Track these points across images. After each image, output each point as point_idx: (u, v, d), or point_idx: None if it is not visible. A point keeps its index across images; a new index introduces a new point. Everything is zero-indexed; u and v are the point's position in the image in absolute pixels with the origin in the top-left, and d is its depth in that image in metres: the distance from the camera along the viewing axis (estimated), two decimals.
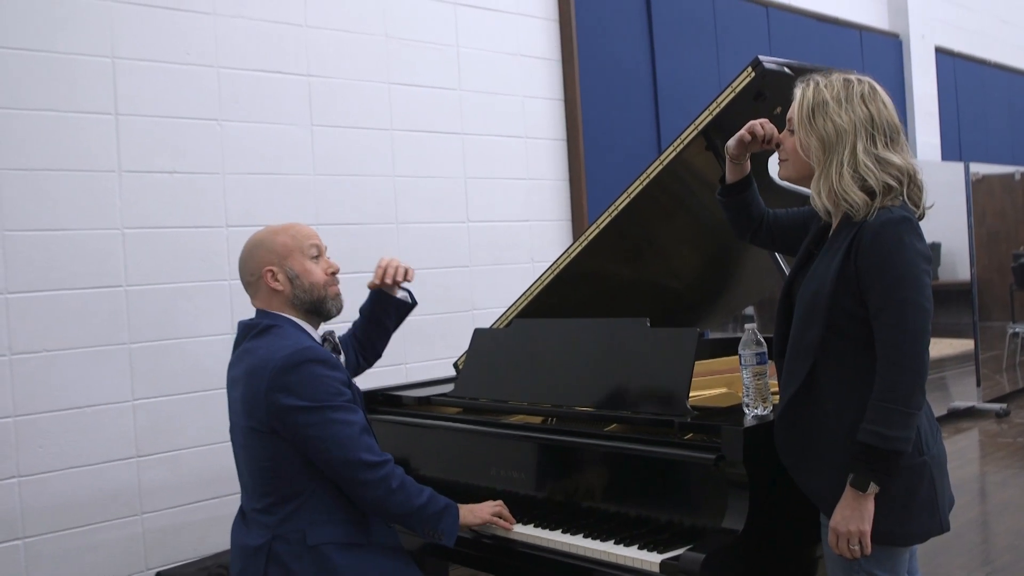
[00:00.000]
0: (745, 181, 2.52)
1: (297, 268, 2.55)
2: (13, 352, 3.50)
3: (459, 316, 4.89)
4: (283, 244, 2.56)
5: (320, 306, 2.58)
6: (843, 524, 2.09)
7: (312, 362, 2.39)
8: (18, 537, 3.49)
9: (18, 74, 3.54)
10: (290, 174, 4.28)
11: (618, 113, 5.84)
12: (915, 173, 2.18)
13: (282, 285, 2.54)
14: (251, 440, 2.44)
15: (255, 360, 2.43)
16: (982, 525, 4.99)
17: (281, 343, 2.43)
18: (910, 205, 2.16)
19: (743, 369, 2.43)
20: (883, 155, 2.14)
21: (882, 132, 2.17)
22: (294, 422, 2.36)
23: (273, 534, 2.40)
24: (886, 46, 8.42)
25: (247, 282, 2.61)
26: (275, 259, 2.55)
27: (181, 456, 3.88)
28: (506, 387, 2.95)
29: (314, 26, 4.41)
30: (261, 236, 2.61)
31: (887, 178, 2.13)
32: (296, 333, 2.51)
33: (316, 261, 2.60)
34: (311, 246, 2.60)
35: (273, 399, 2.36)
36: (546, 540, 2.49)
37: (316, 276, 2.57)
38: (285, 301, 2.55)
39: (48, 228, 3.59)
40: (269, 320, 2.53)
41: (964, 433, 7.22)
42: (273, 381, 2.36)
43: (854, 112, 2.16)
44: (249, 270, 2.58)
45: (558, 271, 3.18)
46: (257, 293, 2.59)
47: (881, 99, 2.21)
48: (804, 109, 2.22)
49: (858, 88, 2.20)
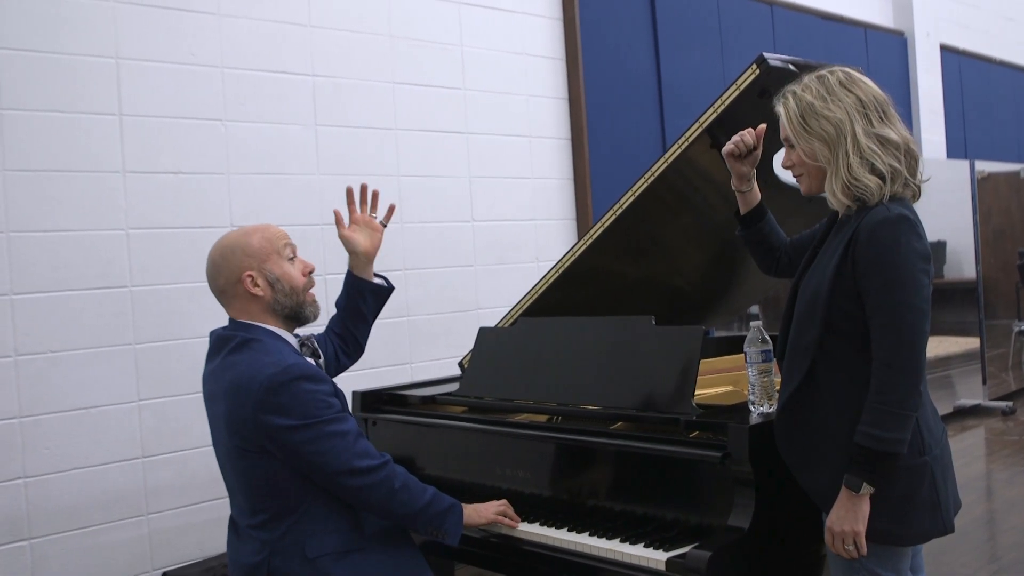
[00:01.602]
0: (759, 210, 2.54)
1: (277, 271, 2.44)
2: (19, 353, 3.50)
3: (464, 315, 4.89)
4: (259, 247, 2.44)
5: (300, 311, 2.49)
6: (838, 524, 2.09)
7: (298, 379, 2.31)
8: (24, 538, 3.50)
9: (22, 75, 3.54)
10: (295, 174, 4.28)
11: (623, 112, 5.84)
12: (910, 144, 2.18)
13: (262, 290, 2.43)
14: (239, 459, 2.37)
15: (237, 378, 2.34)
16: (988, 523, 4.98)
17: (263, 359, 2.34)
18: (911, 181, 2.16)
19: (748, 367, 2.43)
20: (881, 132, 2.14)
21: (874, 109, 2.16)
22: (287, 441, 2.29)
23: (271, 550, 2.35)
24: (891, 44, 8.41)
25: (220, 290, 2.47)
26: (253, 263, 2.43)
27: (187, 457, 3.89)
28: (511, 386, 2.95)
29: (318, 26, 4.41)
30: (233, 240, 2.47)
31: (890, 159, 2.13)
32: (277, 346, 2.41)
33: (292, 262, 2.50)
34: (286, 246, 2.49)
35: (263, 420, 2.28)
36: (552, 538, 2.49)
37: (296, 279, 2.48)
38: (264, 308, 2.44)
39: (53, 229, 3.60)
40: (246, 333, 2.42)
41: (970, 431, 7.20)
42: (261, 403, 2.28)
43: (841, 101, 2.16)
44: (224, 277, 2.44)
45: (563, 270, 3.18)
46: (233, 301, 2.46)
47: (859, 80, 2.21)
48: (794, 120, 2.22)
49: (833, 79, 2.20)
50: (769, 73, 2.60)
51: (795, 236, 2.60)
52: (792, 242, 2.59)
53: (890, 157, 2.13)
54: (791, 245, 2.59)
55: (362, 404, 3.23)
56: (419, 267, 4.74)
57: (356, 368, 2.94)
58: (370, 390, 3.28)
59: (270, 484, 2.36)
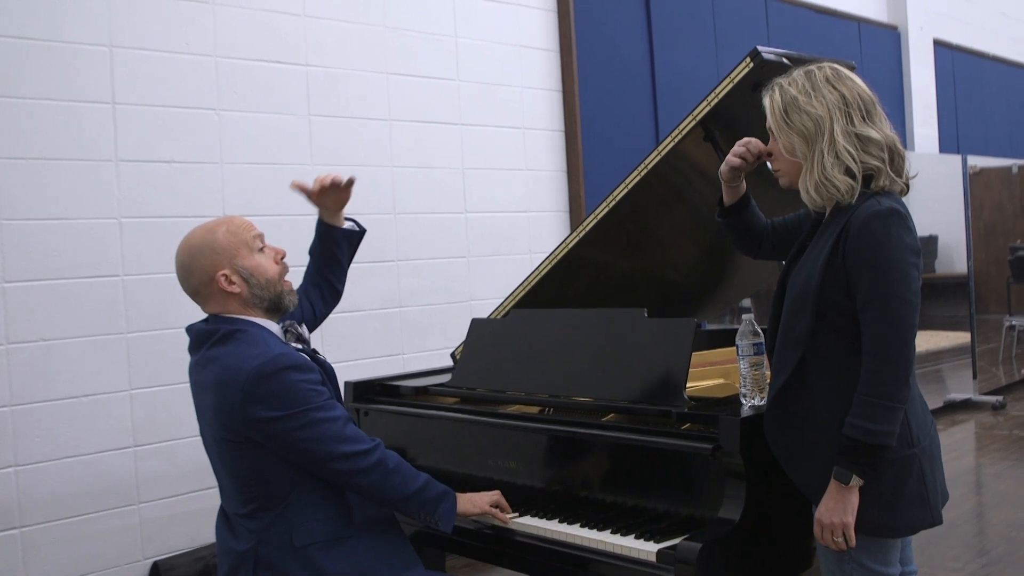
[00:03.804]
0: (743, 200, 2.54)
1: (249, 265, 2.39)
2: (10, 341, 3.50)
3: (457, 307, 4.89)
4: (227, 242, 2.38)
5: (279, 302, 2.45)
6: (827, 516, 2.10)
7: (285, 370, 2.29)
8: (15, 526, 3.50)
9: (16, 62, 3.53)
10: (288, 164, 4.28)
11: (616, 104, 5.84)
12: (895, 143, 2.19)
13: (238, 287, 2.38)
14: (226, 451, 2.36)
15: (224, 370, 2.31)
16: (977, 516, 5.00)
17: (249, 351, 2.31)
18: (897, 180, 2.17)
19: (740, 360, 2.44)
20: (862, 132, 2.14)
21: (857, 108, 2.16)
22: (277, 431, 2.28)
23: (259, 538, 2.35)
24: (884, 38, 8.42)
25: (194, 291, 2.42)
26: (224, 260, 2.37)
27: (178, 446, 3.89)
28: (504, 377, 2.96)
29: (313, 16, 4.40)
30: (198, 239, 2.41)
31: (868, 158, 2.13)
32: (262, 336, 2.38)
33: (262, 253, 2.44)
34: (254, 237, 2.43)
35: (250, 412, 2.27)
36: (543, 530, 2.50)
37: (269, 270, 2.43)
38: (242, 303, 2.40)
39: (46, 217, 3.59)
40: (229, 325, 2.38)
41: (960, 425, 7.23)
42: (248, 394, 2.26)
43: (824, 98, 2.16)
44: (197, 278, 2.39)
45: (555, 262, 3.18)
46: (209, 300, 2.41)
47: (847, 77, 2.21)
48: (777, 113, 2.22)
49: (820, 75, 2.20)
50: (763, 67, 2.61)
51: (777, 219, 2.59)
52: (774, 225, 2.58)
53: (869, 156, 2.14)
54: (774, 229, 2.58)
55: (354, 394, 3.23)
56: (412, 258, 4.74)
57: (348, 358, 2.94)
58: (362, 380, 3.28)
59: (258, 474, 2.35)
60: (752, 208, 2.56)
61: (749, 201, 2.55)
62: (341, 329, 4.36)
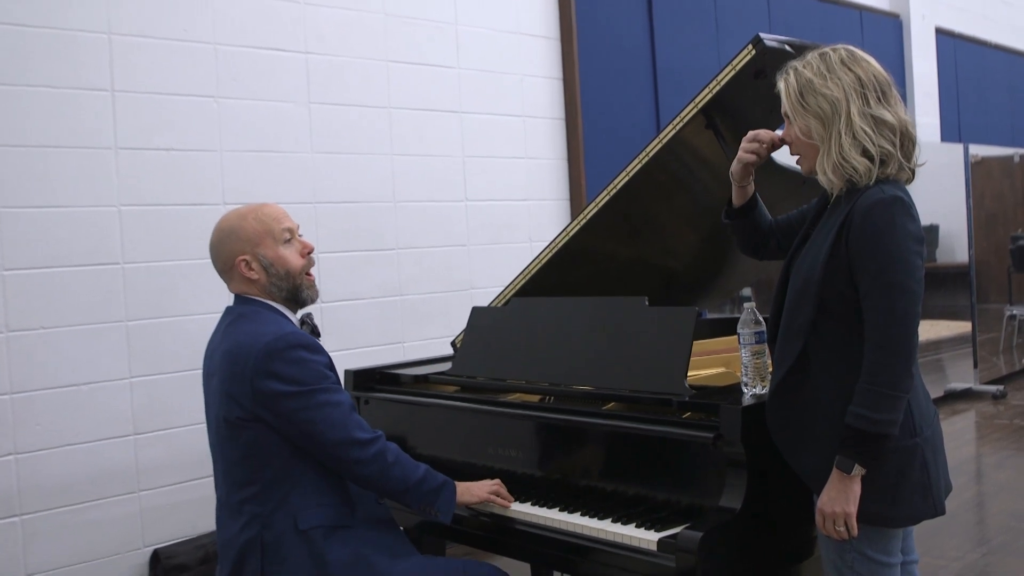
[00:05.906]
0: (752, 200, 2.51)
1: (271, 255, 2.43)
2: (9, 329, 3.49)
3: (457, 295, 4.88)
4: (253, 230, 2.43)
5: (297, 294, 2.49)
6: (829, 505, 2.09)
7: (296, 347, 2.33)
8: (15, 514, 3.50)
9: (14, 50, 3.52)
10: (288, 152, 4.27)
11: (617, 92, 5.82)
12: (908, 127, 2.17)
13: (257, 274, 2.43)
14: (233, 431, 2.37)
15: (235, 345, 2.36)
16: (978, 506, 5.01)
17: (261, 328, 2.36)
18: (906, 166, 2.15)
19: (742, 348, 2.43)
20: (877, 113, 2.13)
21: (872, 89, 2.15)
22: (283, 408, 2.31)
23: (262, 524, 2.36)
24: (886, 26, 8.39)
25: (220, 270, 2.50)
26: (247, 247, 2.43)
27: (178, 434, 3.88)
28: (504, 366, 2.95)
29: (313, 3, 4.39)
30: (230, 223, 2.47)
31: (883, 142, 2.12)
32: (276, 318, 2.43)
33: (289, 244, 2.48)
34: (283, 230, 2.46)
35: (259, 385, 2.30)
36: (544, 518, 2.49)
37: (292, 262, 2.47)
38: (262, 289, 2.45)
39: (45, 205, 3.58)
40: (245, 307, 2.45)
41: (961, 415, 7.23)
42: (258, 367, 2.30)
43: (840, 80, 2.14)
44: (221, 260, 2.47)
45: (556, 250, 3.17)
46: (232, 281, 2.49)
47: (862, 59, 2.19)
48: (792, 96, 2.20)
49: (835, 56, 2.18)
50: (765, 54, 2.59)
51: (780, 217, 2.58)
52: (778, 223, 2.56)
53: (883, 139, 2.12)
54: (778, 227, 2.56)
55: (355, 383, 3.22)
56: (412, 246, 4.73)
57: (348, 346, 2.93)
58: (362, 369, 3.28)
59: (262, 452, 2.36)
60: (760, 208, 2.54)
61: (757, 201, 2.53)
62: (341, 317, 4.35)
